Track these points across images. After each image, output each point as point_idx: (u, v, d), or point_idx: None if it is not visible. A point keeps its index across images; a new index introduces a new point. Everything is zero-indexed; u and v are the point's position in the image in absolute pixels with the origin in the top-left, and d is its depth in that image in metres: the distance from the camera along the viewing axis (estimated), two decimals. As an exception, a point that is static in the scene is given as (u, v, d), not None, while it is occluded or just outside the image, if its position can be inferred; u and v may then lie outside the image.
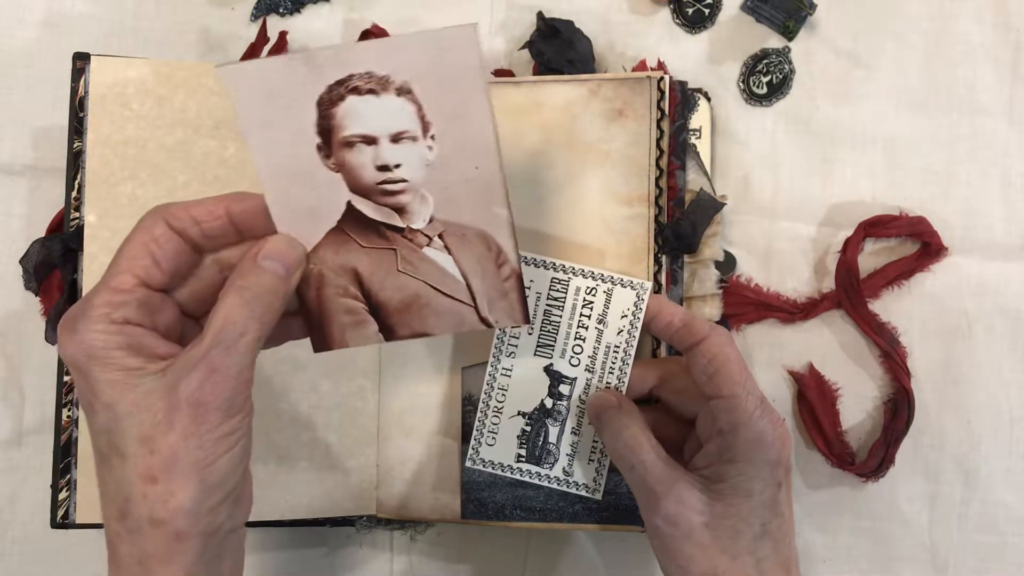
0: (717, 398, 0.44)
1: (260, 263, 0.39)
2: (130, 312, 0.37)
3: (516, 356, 0.50)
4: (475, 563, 0.57)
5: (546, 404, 0.50)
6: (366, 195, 0.41)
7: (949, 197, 0.55)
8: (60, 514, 0.52)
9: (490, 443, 0.50)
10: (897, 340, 0.54)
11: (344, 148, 0.40)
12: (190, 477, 0.36)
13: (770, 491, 0.43)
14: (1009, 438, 0.54)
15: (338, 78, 0.38)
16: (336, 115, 0.39)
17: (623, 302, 0.49)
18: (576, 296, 0.49)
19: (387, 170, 0.40)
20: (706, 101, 0.55)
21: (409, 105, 0.39)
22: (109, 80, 0.52)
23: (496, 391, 0.50)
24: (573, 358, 0.49)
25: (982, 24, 0.55)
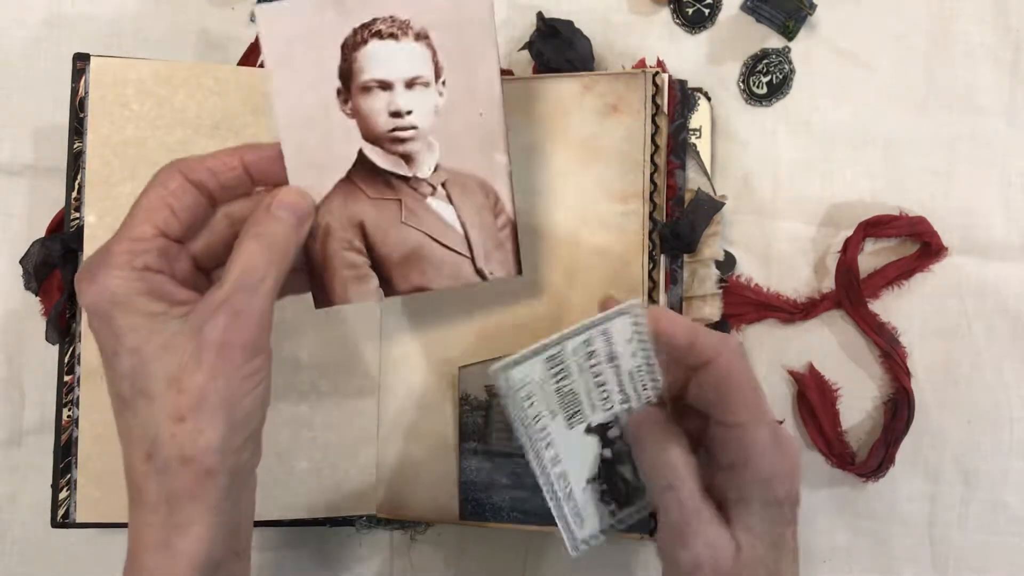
0: (725, 426, 0.41)
1: (274, 212, 0.40)
2: (150, 259, 0.39)
3: (552, 443, 0.43)
4: (475, 563, 0.57)
5: (606, 456, 0.45)
6: (377, 143, 0.43)
7: (949, 197, 0.55)
8: (60, 514, 0.52)
9: (581, 524, 0.45)
10: (897, 340, 0.54)
11: (361, 93, 0.42)
12: (218, 415, 0.37)
13: (779, 530, 0.41)
14: (1009, 438, 0.54)
15: (363, 21, 0.41)
16: (358, 58, 0.41)
17: (623, 332, 0.43)
18: (576, 356, 0.42)
19: (399, 116, 0.42)
20: (706, 101, 0.55)
21: (425, 50, 0.42)
22: (109, 80, 0.52)
23: (559, 482, 0.44)
24: (604, 404, 0.44)
25: (982, 24, 0.55)
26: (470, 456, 0.52)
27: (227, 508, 0.39)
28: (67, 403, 0.52)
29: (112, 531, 0.56)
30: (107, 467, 0.52)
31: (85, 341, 0.52)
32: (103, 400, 0.51)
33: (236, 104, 0.52)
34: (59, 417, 0.52)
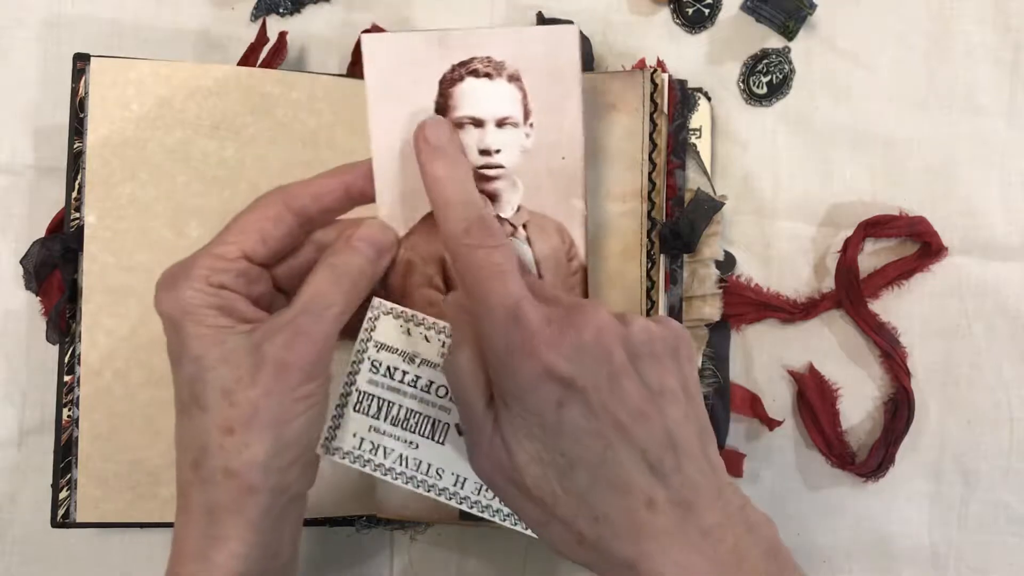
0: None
1: (354, 244, 0.42)
2: (228, 279, 0.40)
3: (443, 470, 0.43)
4: (475, 563, 0.57)
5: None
6: None
7: (949, 197, 0.55)
8: (60, 514, 0.52)
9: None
10: (897, 340, 0.54)
11: (454, 128, 0.43)
12: (267, 432, 0.38)
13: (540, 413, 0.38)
14: (1009, 438, 0.54)
15: (462, 59, 0.42)
16: (454, 94, 0.43)
17: (389, 331, 0.43)
18: (376, 386, 0.43)
19: (488, 154, 0.43)
20: (706, 101, 0.55)
21: (517, 92, 0.43)
22: (109, 81, 0.52)
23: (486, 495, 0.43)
24: (448, 394, 0.43)
25: (982, 24, 0.55)
26: (470, 456, 0.52)
27: (267, 527, 0.39)
28: (67, 403, 0.52)
29: (112, 531, 0.56)
30: (107, 467, 0.52)
31: (85, 341, 0.52)
32: (103, 400, 0.52)
33: (236, 104, 0.53)
34: (59, 417, 0.52)
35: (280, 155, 0.53)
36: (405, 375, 0.43)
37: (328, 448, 0.43)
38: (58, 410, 0.52)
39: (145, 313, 0.52)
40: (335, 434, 0.43)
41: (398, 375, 0.43)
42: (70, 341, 0.52)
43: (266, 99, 0.53)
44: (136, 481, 0.52)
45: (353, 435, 0.42)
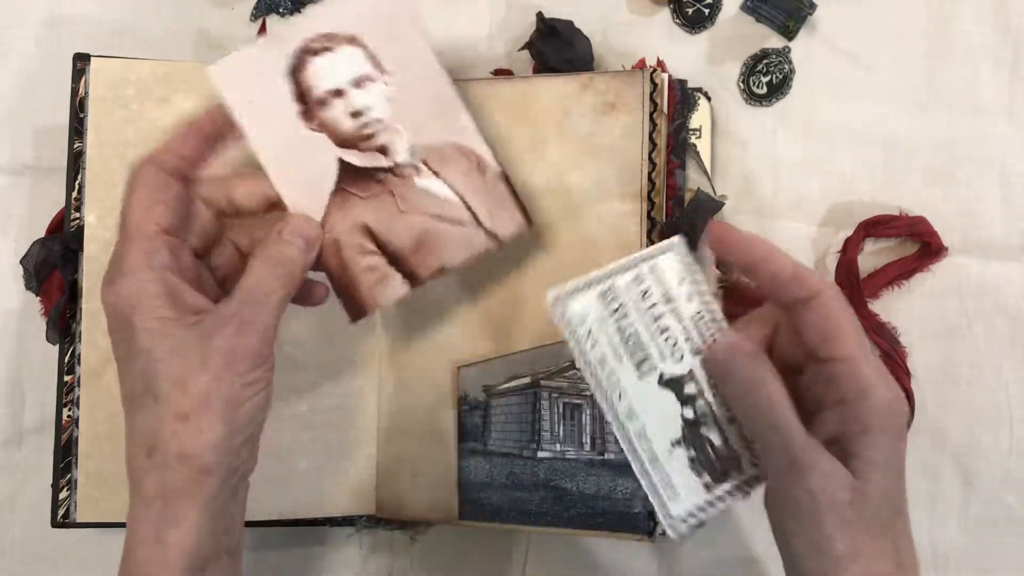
0: (835, 361, 0.40)
1: (284, 237, 0.44)
2: (164, 258, 0.41)
3: (624, 392, 0.43)
4: (475, 563, 0.57)
5: (687, 416, 0.43)
6: (351, 146, 0.46)
7: (949, 197, 0.55)
8: (60, 513, 0.52)
9: (673, 497, 0.43)
10: (897, 340, 0.54)
11: (320, 107, 0.45)
12: (220, 416, 0.40)
13: (900, 462, 0.40)
14: (1009, 438, 0.54)
15: (297, 46, 0.45)
16: (306, 79, 0.45)
17: (672, 272, 0.43)
18: (629, 294, 0.43)
19: (360, 115, 0.46)
20: (706, 101, 0.55)
21: (359, 51, 0.45)
22: (109, 81, 0.52)
23: (638, 440, 0.43)
24: (673, 352, 0.43)
25: (982, 24, 0.55)
26: (469, 456, 0.52)
27: (219, 506, 0.41)
28: (67, 403, 0.52)
29: (112, 531, 0.56)
30: (107, 467, 0.52)
31: (85, 341, 0.52)
32: (103, 400, 0.52)
33: (236, 104, 0.53)
34: (59, 417, 0.52)
35: (280, 155, 0.53)
36: (654, 306, 0.43)
37: (557, 298, 0.42)
38: (58, 410, 0.52)
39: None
40: (572, 296, 0.42)
41: (649, 301, 0.43)
42: (70, 341, 0.52)
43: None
44: (136, 481, 0.52)
45: (582, 308, 0.42)
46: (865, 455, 0.39)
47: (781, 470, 0.40)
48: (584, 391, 0.51)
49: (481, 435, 0.52)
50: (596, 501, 0.51)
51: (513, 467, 0.52)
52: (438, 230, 0.47)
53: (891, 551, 0.40)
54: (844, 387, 0.40)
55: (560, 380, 0.51)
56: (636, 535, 0.50)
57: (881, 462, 0.39)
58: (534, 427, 0.51)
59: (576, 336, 0.42)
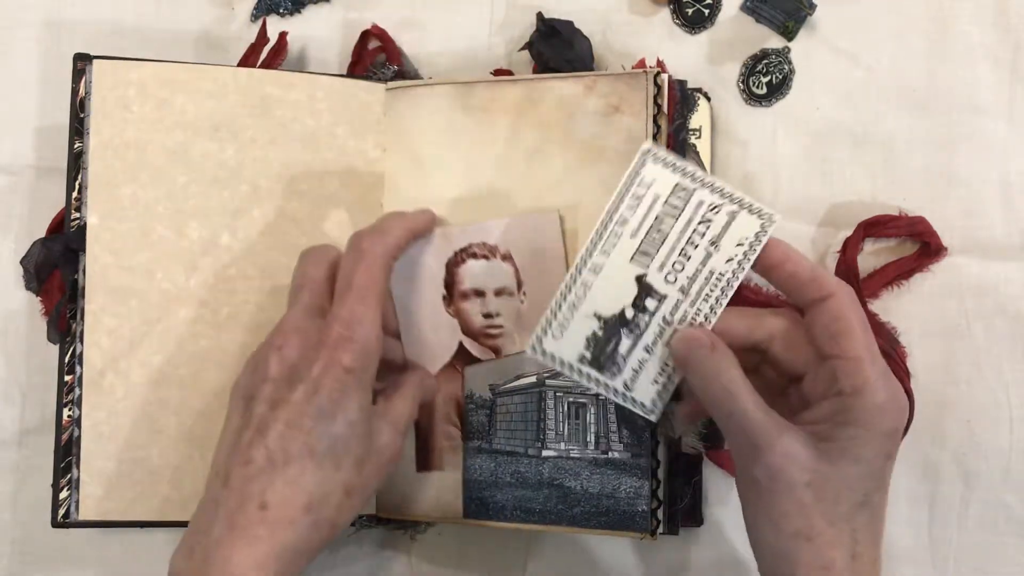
0: (840, 359, 0.41)
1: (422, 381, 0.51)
2: (380, 330, 0.46)
3: (611, 255, 0.46)
4: (475, 563, 0.57)
5: (626, 314, 0.47)
6: (474, 337, 0.52)
7: (949, 197, 0.55)
8: (60, 513, 0.52)
9: (556, 336, 0.47)
10: (897, 340, 0.54)
11: (461, 299, 0.52)
12: (361, 505, 0.46)
13: (879, 461, 0.41)
14: (1009, 438, 0.54)
15: (462, 246, 0.52)
16: (458, 273, 0.52)
17: (744, 229, 0.45)
18: (696, 210, 0.46)
19: (490, 317, 0.52)
20: (706, 101, 0.55)
21: (510, 268, 0.52)
22: (110, 82, 0.52)
23: (578, 285, 0.47)
24: (671, 274, 0.46)
25: (982, 24, 0.55)
26: (474, 455, 0.52)
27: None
28: (67, 403, 0.52)
29: (112, 531, 0.56)
30: (108, 466, 0.52)
31: (87, 341, 0.52)
32: (105, 400, 0.52)
33: (236, 105, 0.53)
34: (59, 417, 0.52)
35: (280, 156, 0.53)
36: (700, 236, 0.46)
37: (646, 152, 0.46)
38: (58, 410, 0.52)
39: (146, 313, 0.52)
40: (656, 161, 0.46)
41: (701, 231, 0.46)
42: (71, 341, 0.52)
43: (266, 100, 0.53)
44: (137, 481, 0.52)
45: (653, 175, 0.46)
46: (840, 443, 0.40)
47: (743, 451, 0.42)
48: (588, 391, 0.51)
49: (486, 434, 0.52)
50: (600, 500, 0.51)
51: (518, 466, 0.52)
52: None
53: (847, 541, 0.40)
54: (843, 383, 0.41)
55: (565, 379, 0.51)
56: (639, 534, 0.50)
57: (853, 453, 0.40)
58: (539, 426, 0.51)
59: (631, 186, 0.46)
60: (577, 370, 0.47)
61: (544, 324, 0.47)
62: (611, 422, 0.51)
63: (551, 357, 0.47)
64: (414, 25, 0.58)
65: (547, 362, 0.47)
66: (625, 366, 0.47)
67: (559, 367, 0.48)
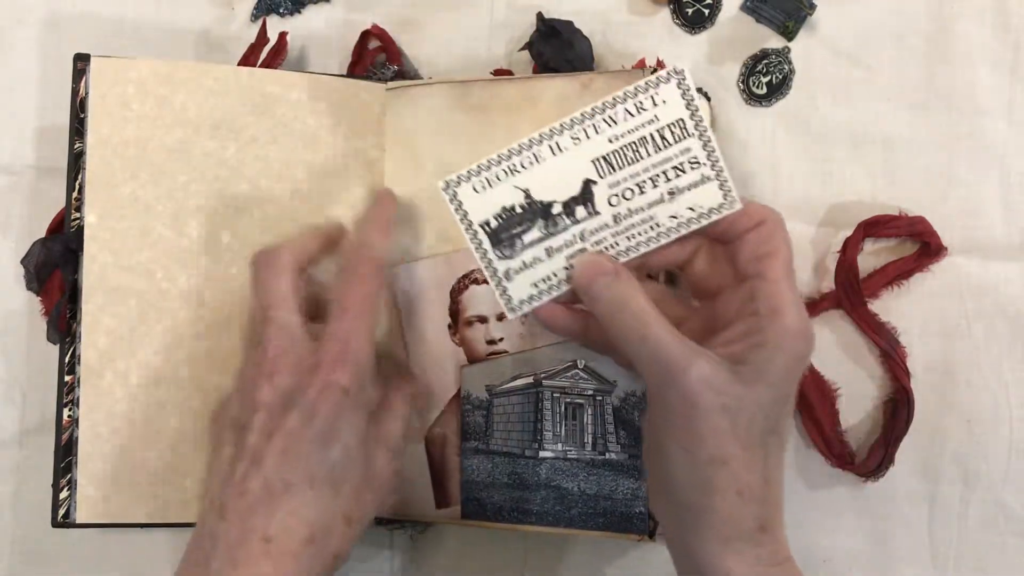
0: (762, 279, 0.41)
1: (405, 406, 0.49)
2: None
3: (578, 146, 0.44)
4: (475, 563, 0.57)
5: (553, 208, 0.44)
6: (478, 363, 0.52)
7: (949, 197, 0.55)
8: (60, 514, 0.52)
9: (476, 189, 0.44)
10: (897, 340, 0.54)
11: (465, 327, 0.52)
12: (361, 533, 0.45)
13: (789, 386, 0.41)
14: (1009, 438, 0.54)
15: (465, 272, 0.52)
16: (462, 301, 0.52)
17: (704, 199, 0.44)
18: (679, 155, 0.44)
19: (494, 343, 0.52)
20: (706, 101, 0.55)
21: None
22: (109, 81, 0.52)
23: (528, 154, 0.44)
24: (616, 198, 0.44)
25: (982, 24, 0.55)
26: (471, 456, 0.52)
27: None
28: (67, 403, 0.52)
29: (112, 531, 0.56)
30: (107, 467, 0.52)
31: (85, 341, 0.52)
32: (103, 400, 0.52)
33: (236, 104, 0.53)
34: (59, 417, 0.52)
35: (280, 155, 0.53)
36: (661, 174, 0.44)
37: (671, 73, 0.44)
38: (58, 410, 0.52)
39: (146, 313, 0.52)
40: (679, 82, 0.44)
41: (667, 168, 0.44)
42: (70, 341, 0.52)
43: (266, 99, 0.53)
44: (136, 481, 0.52)
45: (666, 98, 0.44)
46: (754, 365, 0.40)
47: (654, 373, 0.40)
48: (586, 391, 0.51)
49: (483, 434, 0.52)
50: (597, 501, 0.51)
51: (515, 467, 0.52)
52: None
53: (760, 465, 0.40)
54: (761, 304, 0.40)
55: (562, 380, 0.51)
56: (637, 535, 0.50)
57: (768, 377, 0.40)
58: (536, 427, 0.51)
59: (642, 93, 0.43)
60: (473, 231, 0.44)
61: (469, 171, 0.44)
62: (608, 423, 0.51)
63: (457, 204, 0.44)
64: (414, 25, 0.58)
65: (449, 206, 0.44)
66: (518, 255, 0.45)
67: (458, 218, 0.45)
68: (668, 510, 0.43)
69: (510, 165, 0.44)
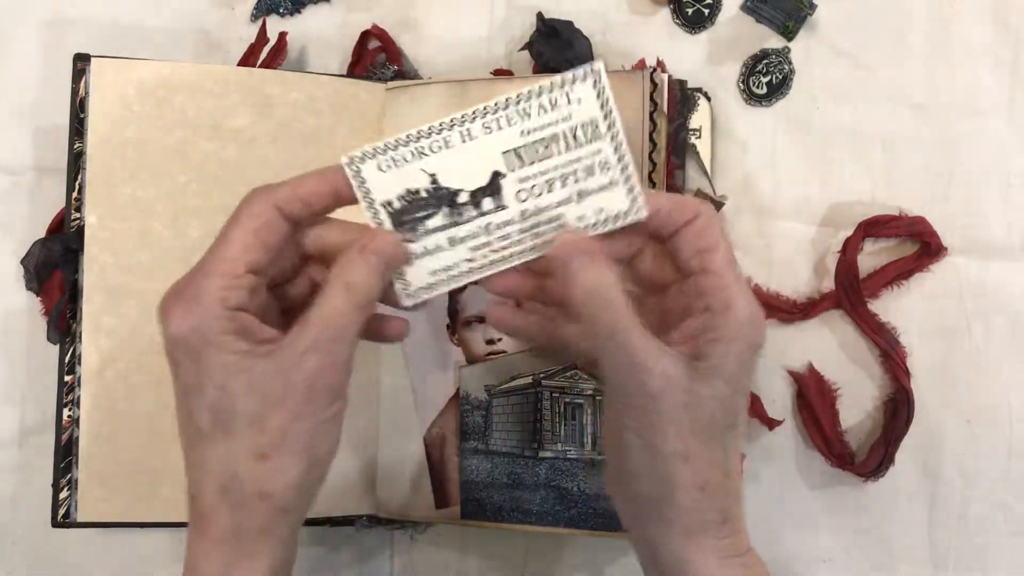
0: (706, 274, 0.40)
1: (367, 257, 0.40)
2: (243, 298, 0.39)
3: (489, 135, 0.41)
4: (475, 563, 0.57)
5: (459, 197, 0.42)
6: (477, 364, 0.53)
7: (949, 197, 0.55)
8: (60, 514, 0.52)
9: (381, 168, 0.41)
10: (897, 340, 0.54)
11: (464, 327, 0.53)
12: (301, 456, 0.39)
13: (746, 379, 0.41)
14: (1009, 438, 0.54)
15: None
16: (461, 300, 0.53)
17: (612, 204, 0.42)
18: (590, 156, 0.42)
19: (492, 343, 0.53)
20: (706, 101, 0.55)
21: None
22: (109, 81, 0.52)
23: (439, 137, 0.41)
24: (524, 192, 0.42)
25: (982, 24, 0.55)
26: (470, 456, 0.52)
27: (292, 541, 0.40)
28: (67, 403, 0.52)
29: (112, 531, 0.56)
30: (108, 467, 0.52)
31: (86, 341, 0.52)
32: (104, 400, 0.52)
33: (236, 105, 0.53)
34: (59, 417, 0.52)
35: (280, 155, 0.53)
36: (572, 172, 0.42)
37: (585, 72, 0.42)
38: (58, 410, 0.52)
39: (146, 313, 0.52)
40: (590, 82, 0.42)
41: (581, 167, 0.42)
42: (70, 341, 0.52)
43: (266, 99, 0.53)
44: (136, 481, 0.52)
45: (581, 96, 0.42)
46: (713, 361, 0.39)
47: (620, 369, 0.40)
48: (585, 391, 0.51)
49: (483, 435, 0.52)
50: (597, 501, 0.51)
51: (515, 467, 0.52)
52: None
53: (721, 459, 0.40)
54: (710, 299, 0.40)
55: (561, 380, 0.51)
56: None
57: (726, 371, 0.39)
58: (535, 427, 0.51)
59: (557, 88, 0.41)
60: (375, 210, 0.42)
61: (376, 148, 0.41)
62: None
63: (360, 182, 0.41)
64: (414, 25, 0.58)
65: (353, 182, 0.41)
66: (420, 241, 0.43)
67: (359, 195, 0.42)
68: (627, 502, 0.43)
69: (419, 147, 0.41)
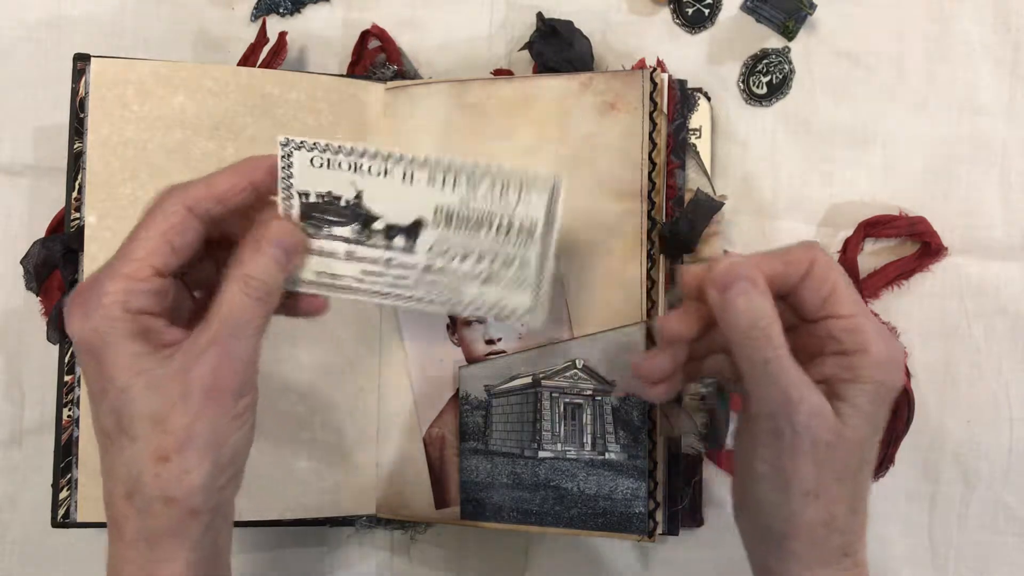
0: (837, 318, 0.40)
1: (264, 249, 0.40)
2: (144, 301, 0.38)
3: (426, 185, 0.41)
4: (475, 563, 0.57)
5: (375, 224, 0.42)
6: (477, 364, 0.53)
7: (949, 197, 0.55)
8: (61, 513, 0.52)
9: (314, 164, 0.41)
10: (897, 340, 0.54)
11: (464, 327, 0.53)
12: (203, 456, 0.37)
13: (882, 418, 0.41)
14: (1009, 438, 0.54)
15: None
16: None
17: (512, 302, 0.44)
18: (514, 250, 0.43)
19: (492, 343, 0.53)
20: (706, 101, 0.55)
21: None
22: (109, 81, 0.52)
23: (381, 159, 0.41)
24: (437, 250, 0.42)
25: (982, 24, 0.55)
26: (470, 456, 0.52)
27: (208, 542, 0.39)
28: (67, 403, 0.52)
29: (112, 531, 0.56)
30: (107, 467, 0.52)
31: (85, 341, 0.52)
32: (103, 400, 0.52)
33: (236, 105, 0.53)
34: (59, 417, 0.52)
35: (280, 155, 0.53)
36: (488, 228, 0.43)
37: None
38: (58, 410, 0.52)
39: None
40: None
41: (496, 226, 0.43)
42: (70, 341, 0.52)
43: (266, 99, 0.53)
44: (136, 481, 0.52)
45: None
46: (852, 401, 0.39)
47: (769, 400, 0.39)
48: (585, 391, 0.51)
49: (482, 435, 0.52)
50: (597, 501, 0.51)
51: (514, 467, 0.52)
52: None
53: (849, 496, 0.40)
54: (846, 343, 0.40)
55: (561, 380, 0.51)
56: (636, 535, 0.50)
57: (865, 411, 0.40)
58: (535, 427, 0.51)
59: (514, 187, 0.41)
60: (289, 192, 0.41)
61: (315, 144, 0.40)
62: (607, 423, 0.51)
63: (286, 164, 0.40)
64: (414, 25, 0.58)
65: (280, 162, 0.40)
66: (319, 239, 0.42)
67: (281, 175, 0.41)
68: (752, 529, 0.43)
69: (359, 163, 0.41)
